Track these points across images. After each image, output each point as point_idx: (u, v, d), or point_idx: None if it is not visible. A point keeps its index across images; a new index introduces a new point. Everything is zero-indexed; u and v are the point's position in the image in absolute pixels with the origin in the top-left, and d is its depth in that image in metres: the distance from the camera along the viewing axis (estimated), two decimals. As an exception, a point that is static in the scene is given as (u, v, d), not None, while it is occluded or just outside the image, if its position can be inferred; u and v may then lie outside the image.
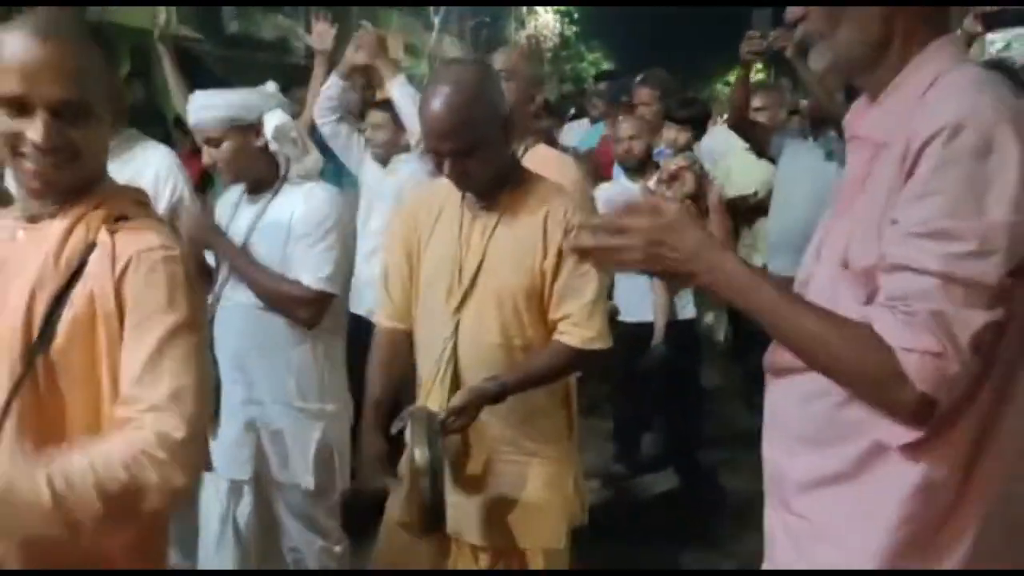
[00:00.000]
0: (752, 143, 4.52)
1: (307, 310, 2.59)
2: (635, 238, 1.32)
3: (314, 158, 2.74)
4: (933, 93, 1.28)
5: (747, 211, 4.98)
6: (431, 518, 2.01)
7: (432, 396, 2.24)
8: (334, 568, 2.82)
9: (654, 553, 3.72)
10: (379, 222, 3.83)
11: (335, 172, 4.13)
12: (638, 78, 5.57)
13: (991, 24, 4.36)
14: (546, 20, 40.02)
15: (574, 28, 41.78)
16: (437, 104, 2.05)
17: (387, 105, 3.90)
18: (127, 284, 1.39)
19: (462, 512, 2.22)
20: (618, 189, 4.19)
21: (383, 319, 2.40)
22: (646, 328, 4.18)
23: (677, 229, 1.32)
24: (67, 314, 1.39)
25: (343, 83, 3.93)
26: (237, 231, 2.70)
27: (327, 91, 3.97)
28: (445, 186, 2.24)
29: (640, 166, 4.31)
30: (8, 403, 1.37)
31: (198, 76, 5.01)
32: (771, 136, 4.41)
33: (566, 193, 2.25)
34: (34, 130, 1.37)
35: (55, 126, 1.38)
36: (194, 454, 1.35)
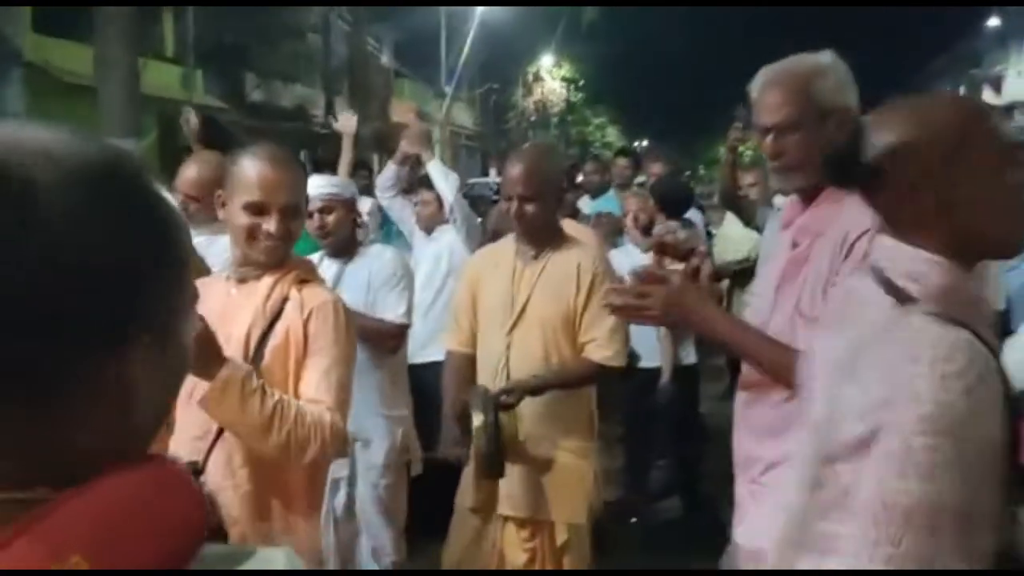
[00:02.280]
0: (740, 215, 4.78)
1: (393, 341, 3.29)
2: (653, 300, 1.88)
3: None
4: (853, 202, 1.80)
5: (739, 274, 5.36)
6: (488, 464, 2.65)
7: None
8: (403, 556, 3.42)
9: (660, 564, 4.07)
10: (421, 280, 4.36)
11: (392, 235, 4.96)
12: (647, 151, 6.01)
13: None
14: (552, 86, 40.70)
15: (580, 94, 42.51)
16: (517, 160, 2.86)
17: (429, 186, 4.51)
18: (311, 325, 2.04)
19: (504, 491, 2.83)
20: (626, 255, 4.57)
21: (454, 345, 3.05)
22: (655, 372, 4.62)
23: (682, 294, 1.88)
24: (271, 343, 2.02)
25: (398, 167, 4.57)
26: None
27: (387, 173, 4.62)
28: (502, 246, 3.02)
29: (647, 231, 4.68)
30: None
31: (224, 144, 5.35)
32: (756, 209, 4.68)
33: (592, 249, 3.02)
34: (270, 224, 2.02)
35: (283, 222, 2.02)
36: (344, 443, 2.05)
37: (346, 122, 5.02)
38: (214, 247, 2.82)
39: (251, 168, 2.04)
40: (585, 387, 2.93)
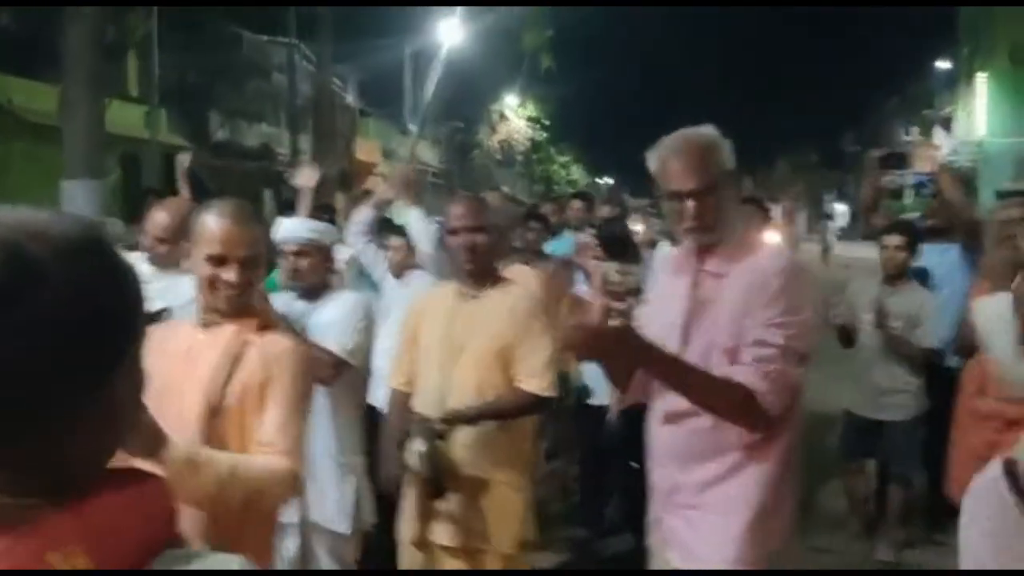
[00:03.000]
0: None
1: (328, 371, 3.17)
2: (603, 340, 2.05)
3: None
4: (750, 249, 2.25)
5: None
6: (432, 488, 2.80)
7: None
8: None
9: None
10: (393, 325, 4.37)
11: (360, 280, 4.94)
12: (606, 192, 6.24)
13: (883, 166, 5.03)
14: (518, 125, 41.12)
15: (544, 133, 42.99)
16: (461, 198, 3.21)
17: (402, 229, 4.57)
18: (270, 371, 2.17)
19: (440, 521, 2.96)
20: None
21: (396, 384, 3.20)
22: (607, 409, 4.69)
23: (619, 336, 2.05)
24: (231, 389, 2.16)
25: (375, 212, 4.64)
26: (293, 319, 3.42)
27: (360, 218, 4.67)
28: (442, 288, 3.21)
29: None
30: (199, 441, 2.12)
31: (200, 190, 5.46)
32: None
33: (524, 290, 3.18)
34: (229, 274, 2.18)
35: (241, 273, 2.18)
36: (299, 484, 2.16)
37: (306, 178, 4.98)
38: (178, 287, 2.94)
39: (214, 223, 2.21)
40: (521, 419, 3.05)
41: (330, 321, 3.30)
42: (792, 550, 2.34)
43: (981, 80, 31.04)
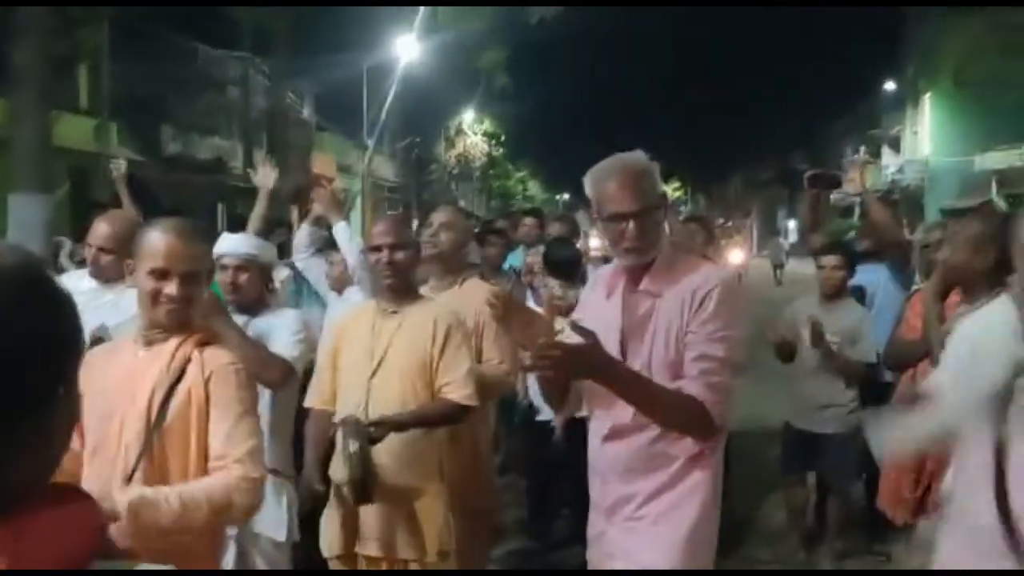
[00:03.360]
0: None
1: (278, 373, 3.19)
2: (571, 358, 2.11)
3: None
4: (683, 267, 2.37)
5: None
6: (361, 489, 2.80)
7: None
8: None
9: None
10: None
11: (305, 297, 4.97)
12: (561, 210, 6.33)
13: (813, 185, 5.21)
14: (474, 141, 41.24)
15: (501, 149, 43.16)
16: (384, 225, 3.21)
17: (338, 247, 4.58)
18: (212, 386, 2.20)
19: (362, 532, 3.02)
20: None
21: (315, 403, 3.27)
22: (548, 424, 4.81)
23: (590, 353, 2.14)
24: (173, 404, 2.18)
25: (312, 228, 4.79)
26: None
27: (301, 234, 4.82)
28: (363, 306, 3.31)
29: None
30: (136, 463, 2.15)
31: (139, 197, 5.45)
32: None
33: (444, 305, 3.27)
34: (171, 288, 2.23)
35: (183, 287, 2.24)
36: (262, 488, 2.18)
37: (264, 176, 4.98)
38: (123, 303, 2.96)
39: (156, 238, 2.27)
40: (440, 428, 3.14)
41: (268, 332, 3.33)
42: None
43: (926, 101, 31.88)
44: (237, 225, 5.80)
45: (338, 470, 2.93)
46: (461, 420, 3.14)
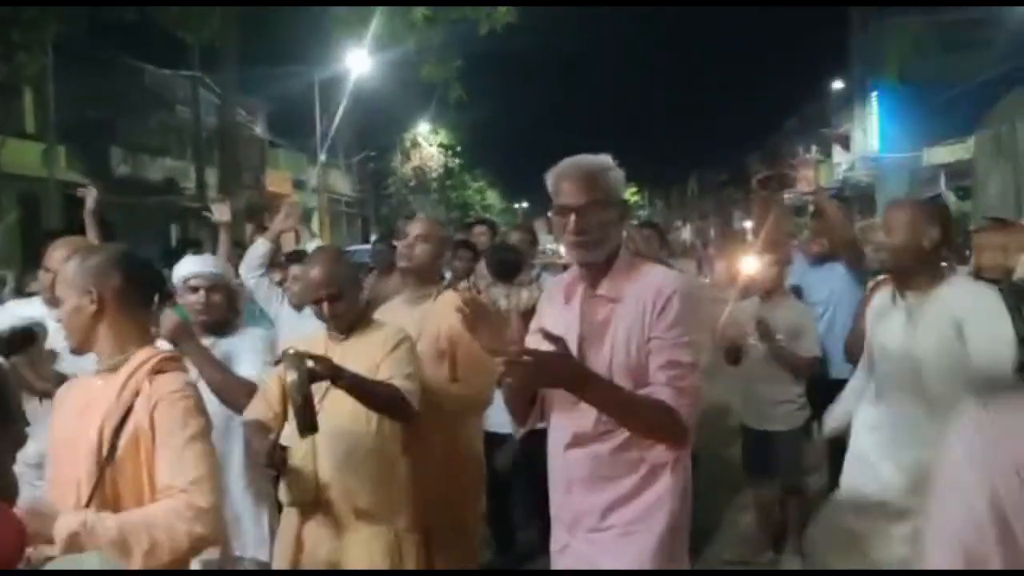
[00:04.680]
0: None
1: (248, 400, 3.14)
2: (543, 366, 2.13)
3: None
4: (641, 272, 2.37)
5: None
6: (304, 417, 2.64)
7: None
8: None
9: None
10: None
11: (254, 316, 4.89)
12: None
13: (764, 187, 5.31)
14: (430, 152, 41.21)
15: (457, 159, 43.18)
16: (318, 269, 3.08)
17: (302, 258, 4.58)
18: (156, 416, 2.16)
19: (311, 546, 2.97)
20: None
21: (254, 416, 3.09)
22: (508, 437, 4.60)
23: (562, 360, 2.16)
24: (123, 437, 2.14)
25: (271, 245, 4.72)
26: None
27: (256, 251, 4.73)
28: (313, 332, 3.22)
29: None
30: (91, 496, 2.11)
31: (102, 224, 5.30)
32: None
33: (393, 327, 3.18)
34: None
35: None
36: (213, 517, 2.11)
37: (222, 213, 5.12)
38: None
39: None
40: (391, 445, 3.04)
41: (235, 353, 3.35)
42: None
43: (873, 99, 32.48)
44: (189, 246, 5.75)
45: (285, 492, 2.88)
46: (404, 415, 2.97)
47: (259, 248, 4.77)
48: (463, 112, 39.27)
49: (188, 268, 3.52)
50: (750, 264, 4.97)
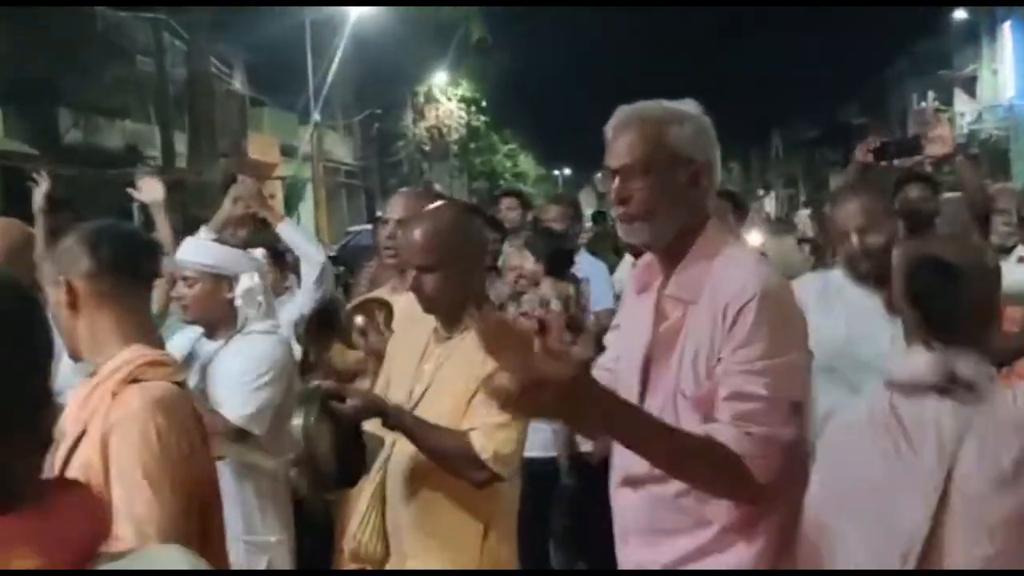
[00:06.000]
0: None
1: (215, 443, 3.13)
2: (551, 394, 1.83)
3: (272, 322, 3.61)
4: (724, 264, 2.17)
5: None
6: (321, 474, 2.62)
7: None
8: None
9: None
10: None
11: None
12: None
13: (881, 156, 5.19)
14: (449, 109, 41.18)
15: (482, 118, 43.09)
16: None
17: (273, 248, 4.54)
18: (111, 443, 2.08)
19: None
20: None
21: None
22: (550, 463, 4.65)
23: (576, 384, 1.86)
24: (77, 459, 2.09)
25: (217, 235, 4.44)
26: (193, 368, 3.42)
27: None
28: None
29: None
30: None
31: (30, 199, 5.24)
32: None
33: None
34: None
35: None
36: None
37: (149, 190, 4.86)
38: None
39: None
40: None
41: (227, 373, 3.38)
42: None
43: (1006, 31, 31.94)
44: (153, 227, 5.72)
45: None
46: (474, 480, 2.69)
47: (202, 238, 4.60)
48: (488, 58, 39.21)
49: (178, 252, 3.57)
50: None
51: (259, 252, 3.76)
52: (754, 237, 6.23)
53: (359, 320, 3.34)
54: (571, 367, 1.86)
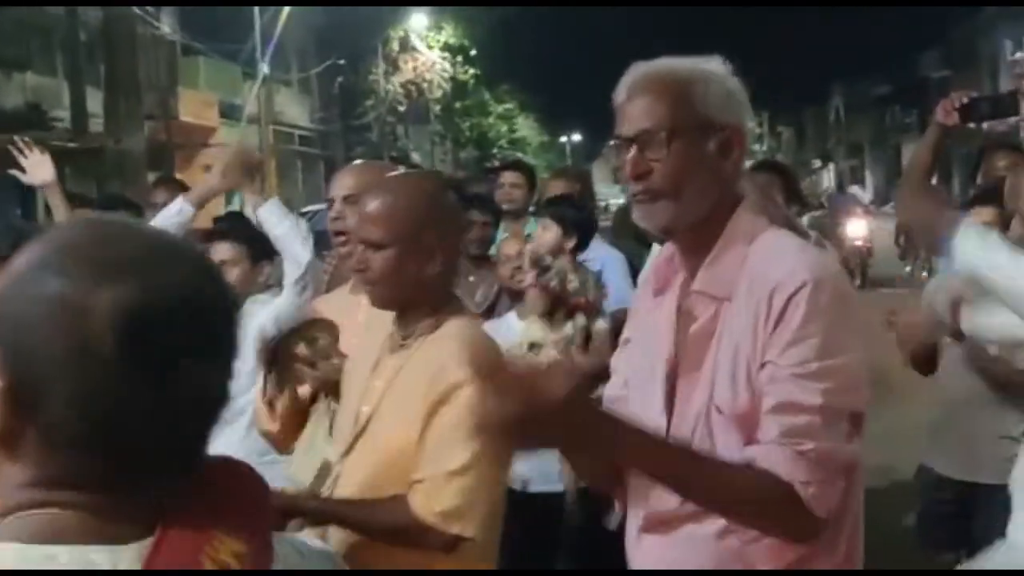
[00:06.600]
0: None
1: None
2: (549, 421, 1.84)
3: None
4: (764, 250, 2.16)
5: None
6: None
7: None
8: None
9: None
10: None
11: None
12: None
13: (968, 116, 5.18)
14: (430, 59, 41.11)
15: (472, 71, 42.99)
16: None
17: (234, 235, 4.67)
18: None
19: None
20: (507, 329, 4.72)
21: None
22: (556, 499, 4.72)
23: (577, 409, 1.87)
24: None
25: (193, 211, 4.59)
26: None
27: (170, 218, 4.55)
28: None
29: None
30: None
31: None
32: None
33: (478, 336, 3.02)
34: None
35: None
36: None
37: (37, 169, 4.96)
38: None
39: None
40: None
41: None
42: None
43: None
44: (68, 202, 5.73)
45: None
46: (438, 547, 2.65)
47: (173, 215, 4.61)
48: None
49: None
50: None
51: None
52: (855, 227, 6.21)
53: (301, 349, 3.20)
54: (563, 382, 1.83)
